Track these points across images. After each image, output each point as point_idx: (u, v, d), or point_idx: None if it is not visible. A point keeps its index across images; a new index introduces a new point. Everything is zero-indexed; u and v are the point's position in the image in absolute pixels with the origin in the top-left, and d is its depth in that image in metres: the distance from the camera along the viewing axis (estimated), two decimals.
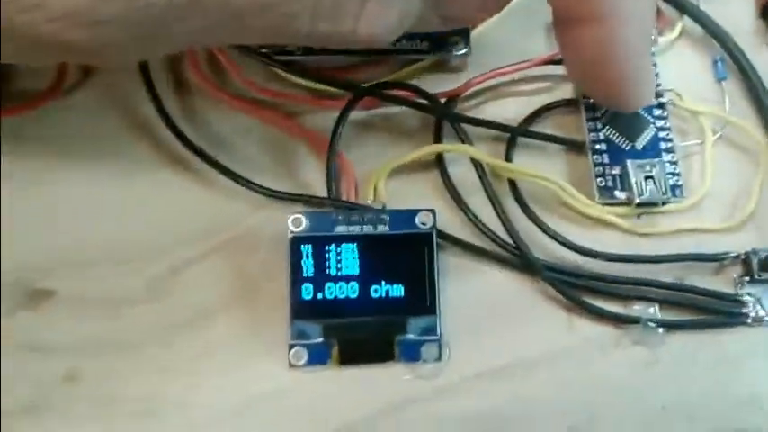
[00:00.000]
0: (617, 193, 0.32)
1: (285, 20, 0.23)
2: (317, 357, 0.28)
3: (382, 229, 0.29)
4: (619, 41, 0.26)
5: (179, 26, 0.22)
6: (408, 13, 0.25)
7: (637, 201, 0.31)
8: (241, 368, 0.29)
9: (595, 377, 0.29)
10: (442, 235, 0.30)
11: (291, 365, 0.28)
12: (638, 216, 0.32)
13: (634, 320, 0.30)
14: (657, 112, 0.34)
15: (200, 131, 0.32)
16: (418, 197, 0.32)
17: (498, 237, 0.31)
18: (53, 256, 0.30)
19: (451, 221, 0.31)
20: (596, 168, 0.32)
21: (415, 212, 0.29)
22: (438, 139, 0.33)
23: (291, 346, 0.28)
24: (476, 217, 0.31)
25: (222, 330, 0.29)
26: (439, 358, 0.28)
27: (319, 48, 0.31)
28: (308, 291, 0.28)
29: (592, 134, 0.33)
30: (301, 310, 0.28)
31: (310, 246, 0.28)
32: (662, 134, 0.33)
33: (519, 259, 0.30)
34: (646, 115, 0.34)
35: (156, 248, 0.30)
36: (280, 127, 0.33)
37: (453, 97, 0.33)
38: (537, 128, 0.33)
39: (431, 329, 0.29)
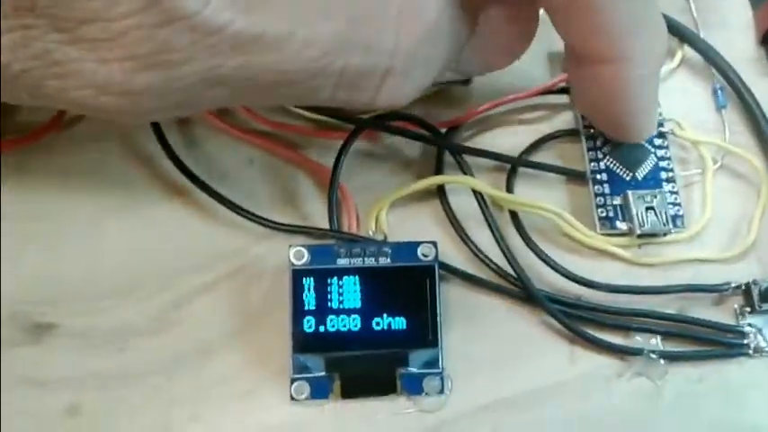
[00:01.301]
0: (618, 223, 0.32)
1: (310, 92, 0.23)
2: (319, 391, 0.28)
3: (384, 261, 0.28)
4: (633, 81, 0.27)
5: (209, 94, 0.22)
6: (426, 82, 0.26)
7: (638, 232, 0.31)
8: (243, 401, 0.28)
9: (598, 410, 0.29)
10: (444, 267, 0.30)
11: (293, 399, 0.28)
12: (640, 246, 0.32)
13: (636, 352, 0.29)
14: (658, 141, 0.33)
15: (201, 162, 0.32)
16: (420, 228, 0.31)
17: (500, 268, 0.30)
18: (55, 290, 0.29)
19: (453, 253, 0.31)
20: (597, 199, 0.32)
21: (416, 245, 0.29)
22: (439, 170, 0.32)
23: (293, 380, 0.28)
24: (477, 248, 0.31)
25: (225, 363, 0.29)
26: (441, 391, 0.28)
27: None
28: (309, 324, 0.27)
29: (593, 164, 0.33)
30: (303, 344, 0.27)
31: (312, 278, 0.28)
32: (662, 164, 0.33)
33: (521, 291, 0.30)
34: (646, 145, 0.33)
35: (159, 280, 0.30)
36: (282, 158, 0.33)
37: (454, 127, 0.33)
38: (538, 158, 0.33)
39: (433, 363, 0.28)
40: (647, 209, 0.31)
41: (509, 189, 0.32)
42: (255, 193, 0.32)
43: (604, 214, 0.32)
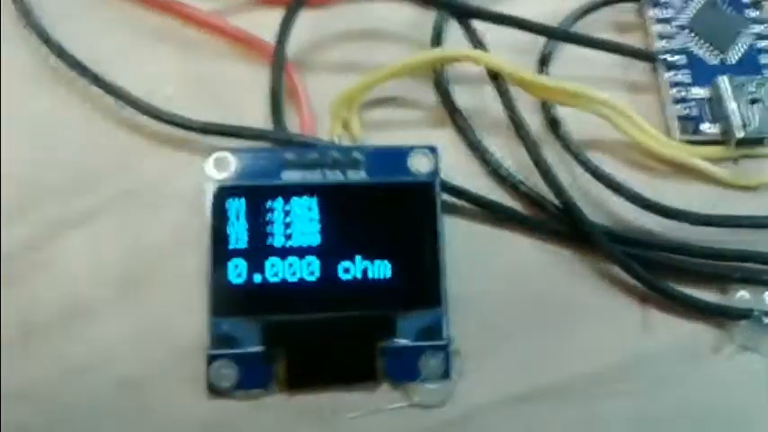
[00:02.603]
0: (705, 126, 0.27)
1: None
2: (253, 377, 0.23)
3: (356, 175, 0.24)
4: None
5: None
6: None
7: (737, 136, 0.26)
8: (131, 390, 0.23)
9: (683, 400, 0.24)
10: (447, 188, 0.26)
11: (212, 390, 0.23)
12: (737, 160, 0.27)
13: (740, 314, 0.25)
14: (753, 13, 0.29)
15: (79, 35, 0.27)
16: (410, 132, 0.27)
17: (532, 189, 0.26)
18: None
19: (461, 167, 0.27)
20: (673, 90, 0.28)
21: (405, 151, 0.24)
22: (438, 42, 0.28)
23: (212, 359, 0.23)
24: (497, 161, 0.26)
25: (107, 331, 0.24)
26: (446, 375, 0.24)
27: None
28: (238, 271, 0.23)
29: (663, 42, 0.28)
30: (227, 302, 0.23)
31: (243, 200, 0.23)
32: (762, 43, 0.28)
33: (566, 225, 0.26)
34: (738, 15, 0.29)
35: (10, 208, 0.25)
36: (201, 29, 0.28)
37: None
38: (585, 30, 0.29)
39: (434, 331, 0.24)
40: (752, 102, 0.26)
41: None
42: (161, 79, 0.27)
43: (685, 112, 0.27)
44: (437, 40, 0.28)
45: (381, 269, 0.23)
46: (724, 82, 0.27)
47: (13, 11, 0.27)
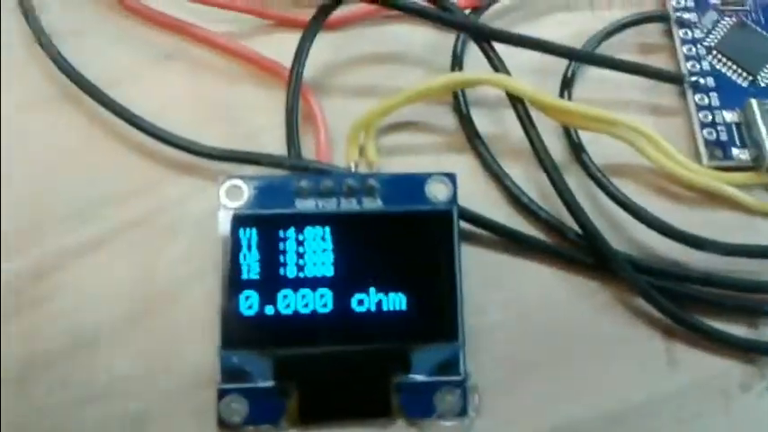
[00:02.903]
0: (734, 151, 0.27)
1: None
2: (264, 412, 0.22)
3: (371, 204, 0.23)
4: None
5: None
6: None
7: None
8: (143, 428, 0.22)
9: None
10: (466, 216, 0.25)
11: (222, 425, 0.22)
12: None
13: None
14: None
15: (94, 61, 0.27)
16: (427, 159, 0.27)
17: (554, 217, 0.26)
18: None
19: (480, 195, 0.26)
20: (701, 114, 0.27)
21: (422, 178, 0.24)
22: (458, 65, 0.28)
23: (222, 394, 0.22)
24: (519, 189, 0.26)
25: (116, 363, 0.23)
26: (463, 412, 0.23)
27: None
28: (250, 302, 0.22)
29: (691, 64, 0.28)
30: (239, 334, 0.22)
31: (254, 230, 0.23)
32: None
33: (588, 253, 0.25)
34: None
35: (16, 236, 0.24)
36: (214, 50, 0.28)
37: (477, 7, 0.29)
38: (609, 52, 0.29)
39: (450, 366, 0.23)
40: None
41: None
42: (174, 102, 0.27)
43: (713, 137, 0.27)
44: (457, 63, 0.28)
45: (396, 301, 0.23)
46: (755, 105, 0.26)
47: (23, 28, 0.27)
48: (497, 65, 0.27)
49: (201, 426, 0.22)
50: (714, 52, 0.28)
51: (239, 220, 0.23)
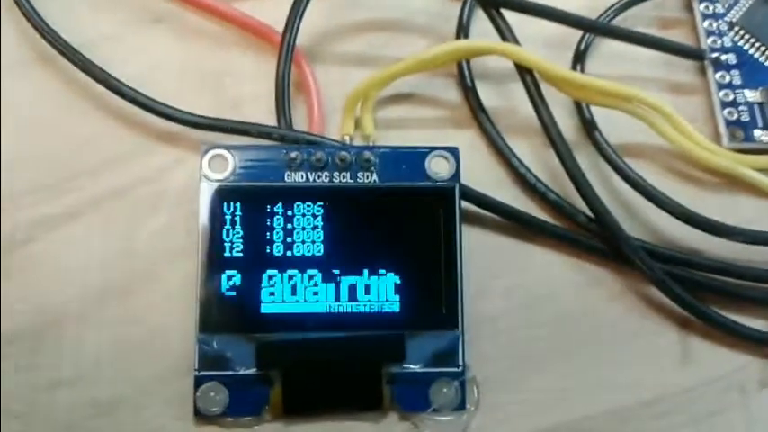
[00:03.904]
0: (757, 132, 0.26)
1: None
2: (245, 403, 0.22)
3: (367, 178, 0.23)
4: None
5: None
6: None
7: None
8: (113, 417, 0.22)
9: None
10: (468, 195, 0.24)
11: (199, 415, 0.21)
12: None
13: None
14: None
15: (73, 22, 0.26)
16: (428, 133, 0.26)
17: (563, 199, 0.25)
18: None
19: (484, 173, 0.26)
20: (722, 93, 0.27)
21: (423, 153, 0.23)
22: (463, 35, 0.27)
23: (200, 381, 0.21)
24: (525, 167, 0.25)
25: (86, 345, 0.22)
26: (461, 406, 0.22)
27: None
28: (231, 283, 0.21)
29: (712, 39, 0.27)
30: (219, 317, 0.21)
31: (239, 204, 0.22)
32: None
33: (599, 239, 0.24)
34: None
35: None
36: (206, 15, 0.27)
37: None
38: (625, 25, 0.28)
39: (448, 355, 0.22)
40: None
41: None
42: (158, 68, 0.26)
43: (734, 117, 0.26)
44: (463, 31, 0.27)
45: (391, 285, 0.22)
46: None
47: None
48: (506, 34, 0.26)
49: (178, 416, 0.21)
50: (736, 28, 0.27)
51: (223, 194, 0.22)
